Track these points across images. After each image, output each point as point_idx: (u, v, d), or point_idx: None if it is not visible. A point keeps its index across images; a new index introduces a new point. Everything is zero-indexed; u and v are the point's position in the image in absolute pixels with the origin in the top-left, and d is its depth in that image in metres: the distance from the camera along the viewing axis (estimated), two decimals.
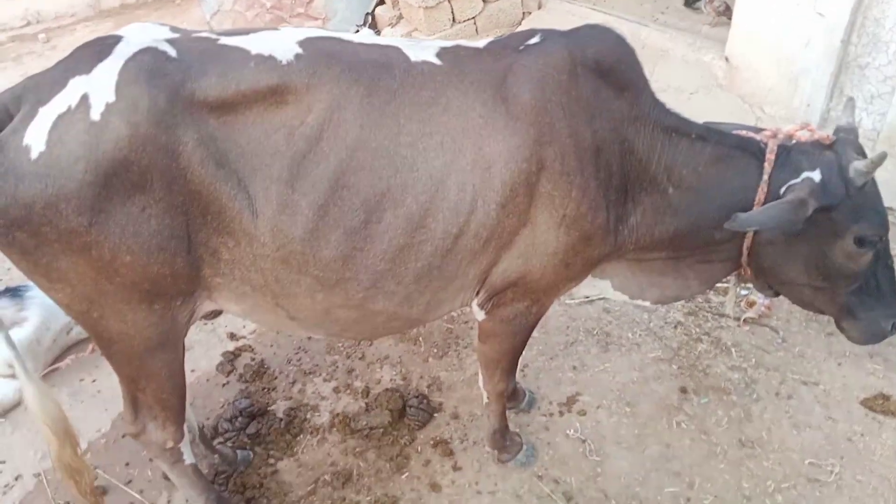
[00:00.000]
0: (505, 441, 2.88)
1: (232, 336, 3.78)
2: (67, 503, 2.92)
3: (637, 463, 2.90)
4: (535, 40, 2.12)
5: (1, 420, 3.34)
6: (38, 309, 3.46)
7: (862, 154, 2.12)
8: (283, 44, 1.96)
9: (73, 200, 1.74)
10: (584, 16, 5.80)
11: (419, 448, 3.04)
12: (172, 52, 1.86)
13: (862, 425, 2.99)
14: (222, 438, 3.13)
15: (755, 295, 3.52)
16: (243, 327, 3.83)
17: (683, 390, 3.21)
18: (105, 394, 3.46)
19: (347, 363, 3.54)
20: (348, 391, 3.36)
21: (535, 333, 2.83)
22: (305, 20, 7.33)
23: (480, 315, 2.39)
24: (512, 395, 3.00)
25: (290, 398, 3.35)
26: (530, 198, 2.03)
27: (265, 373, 3.51)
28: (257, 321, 2.33)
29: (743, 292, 3.59)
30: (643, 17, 5.81)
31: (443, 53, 2.09)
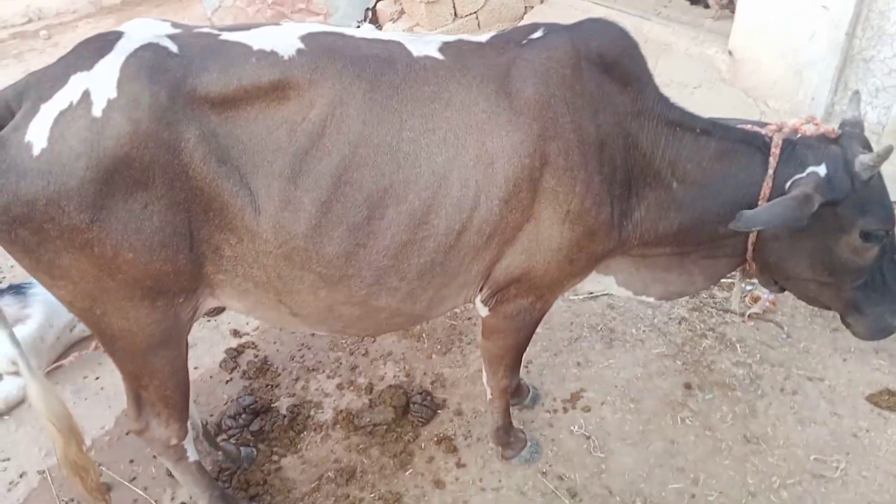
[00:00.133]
0: (509, 437, 2.88)
1: (235, 333, 3.78)
2: (72, 500, 2.93)
3: (641, 459, 2.89)
4: (537, 34, 2.10)
5: (5, 417, 3.35)
6: (42, 306, 3.47)
7: (868, 148, 2.10)
8: (284, 39, 1.95)
9: (74, 197, 1.73)
10: (587, 10, 5.77)
11: (423, 445, 3.03)
12: (174, 47, 1.85)
13: (867, 421, 2.97)
14: (226, 435, 3.14)
15: (760, 290, 3.51)
16: (246, 324, 3.83)
17: (688, 386, 3.19)
18: (108, 391, 3.46)
19: (351, 360, 3.53)
20: (352, 388, 3.36)
21: (539, 329, 2.82)
22: (307, 16, 7.32)
23: (484, 311, 2.38)
24: (516, 391, 2.99)
25: (294, 395, 3.35)
26: (534, 193, 2.02)
27: (268, 369, 3.51)
28: (260, 318, 2.32)
29: (748, 287, 3.58)
30: (646, 11, 5.78)
31: (445, 48, 2.08)
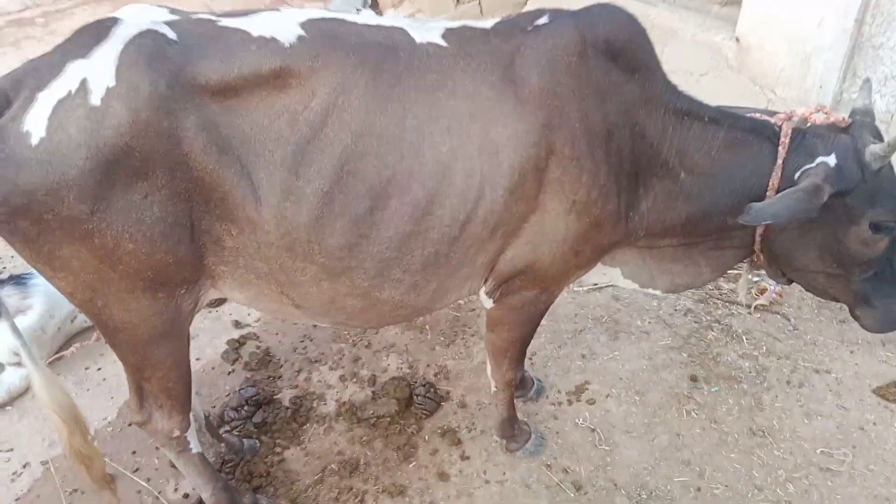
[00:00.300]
0: (513, 430, 2.86)
1: (237, 324, 3.76)
2: (75, 490, 2.92)
3: (646, 452, 2.88)
4: (543, 20, 2.06)
5: (8, 408, 3.34)
6: (43, 297, 3.45)
7: (878, 137, 2.06)
8: (285, 26, 1.91)
9: (74, 187, 1.70)
10: None
11: (426, 437, 3.02)
12: (172, 34, 1.81)
13: (874, 414, 2.95)
14: (228, 427, 3.12)
15: (766, 282, 3.48)
16: (248, 315, 3.82)
17: (693, 379, 3.17)
18: (110, 382, 3.45)
19: (354, 351, 3.52)
20: (355, 380, 3.34)
21: (543, 321, 2.80)
22: (306, 1, 7.28)
23: (488, 303, 2.36)
24: (520, 383, 2.98)
25: (296, 387, 3.33)
26: (539, 183, 1.99)
27: (271, 361, 3.50)
28: (262, 309, 2.30)
29: (754, 279, 3.55)
30: None
31: (449, 35, 2.04)
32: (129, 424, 3.18)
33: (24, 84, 1.75)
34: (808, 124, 2.10)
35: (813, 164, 2.00)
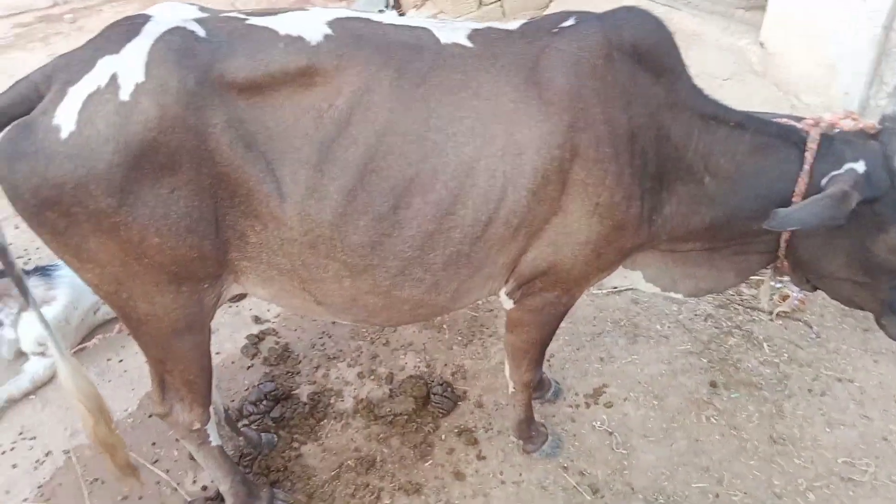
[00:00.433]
0: (530, 431, 2.85)
1: (257, 319, 3.79)
2: (96, 480, 2.96)
3: (664, 457, 2.85)
4: (569, 23, 2.06)
5: (31, 397, 3.39)
6: (67, 288, 3.50)
7: None
8: (312, 24, 1.92)
9: (102, 181, 1.72)
10: None
11: (443, 436, 3.02)
12: (201, 31, 1.84)
13: None
14: (247, 421, 3.15)
15: (789, 288, 3.44)
16: (268, 311, 3.84)
17: (713, 384, 3.15)
18: (132, 374, 3.49)
19: (371, 349, 3.53)
20: (372, 377, 3.35)
21: (562, 323, 2.79)
22: (330, 1, 7.32)
23: (508, 304, 2.35)
24: (538, 385, 2.97)
25: (315, 383, 3.35)
26: (562, 185, 1.99)
27: (289, 357, 3.52)
28: (284, 305, 2.31)
29: (776, 285, 3.51)
30: (675, 0, 5.67)
31: (474, 36, 2.04)
32: (150, 416, 3.21)
33: (56, 78, 1.78)
34: (837, 130, 2.07)
35: (841, 171, 1.97)
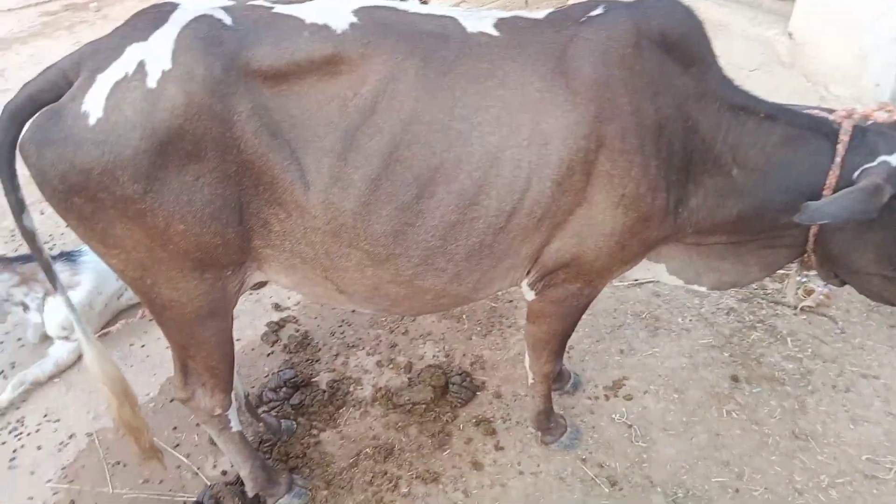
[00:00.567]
0: (549, 423, 2.85)
1: (277, 307, 3.81)
2: (118, 463, 3.01)
3: (684, 450, 2.84)
4: (597, 11, 2.03)
5: (56, 380, 3.44)
6: (91, 274, 3.54)
7: None
8: (337, 13, 1.92)
9: (129, 167, 1.74)
10: None
11: (461, 426, 3.03)
12: (228, 19, 1.84)
13: None
14: (266, 407, 3.17)
15: (814, 282, 3.39)
16: (288, 298, 3.87)
17: (735, 379, 3.12)
18: (154, 359, 3.54)
19: (390, 338, 3.54)
20: (391, 366, 3.37)
21: (582, 315, 2.78)
22: None
23: (530, 295, 2.34)
24: (557, 376, 2.96)
25: (334, 370, 3.37)
26: (588, 176, 1.97)
27: (309, 344, 3.54)
28: (306, 294, 2.32)
29: (802, 279, 3.46)
30: None
31: (500, 24, 2.02)
32: (171, 400, 3.25)
33: (84, 65, 1.79)
34: (870, 122, 2.03)
35: (874, 164, 1.93)
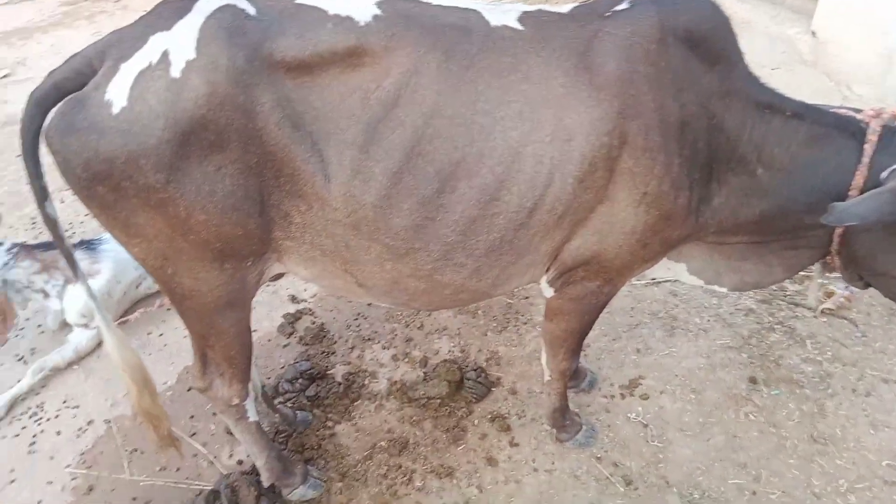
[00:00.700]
0: (565, 420, 2.84)
1: (293, 299, 3.82)
2: (135, 450, 3.03)
3: (701, 451, 2.82)
4: (623, 6, 2.01)
5: (75, 367, 3.48)
6: (111, 262, 3.57)
7: None
8: (360, 4, 1.91)
9: (152, 157, 1.74)
10: None
11: (476, 421, 3.02)
12: (251, 9, 1.84)
13: None
14: (282, 399, 3.19)
15: (835, 285, 3.35)
16: (304, 290, 3.88)
17: (753, 380, 3.09)
18: (171, 348, 3.56)
19: (406, 332, 3.54)
20: (406, 360, 3.37)
21: None
22: None
23: (549, 292, 2.33)
24: (573, 374, 2.95)
25: (349, 363, 3.38)
26: (610, 173, 1.95)
27: (325, 337, 3.55)
28: (325, 286, 2.32)
29: (822, 281, 3.42)
30: None
31: (524, 18, 2.01)
32: (189, 389, 3.28)
33: (109, 54, 1.80)
34: None
35: None
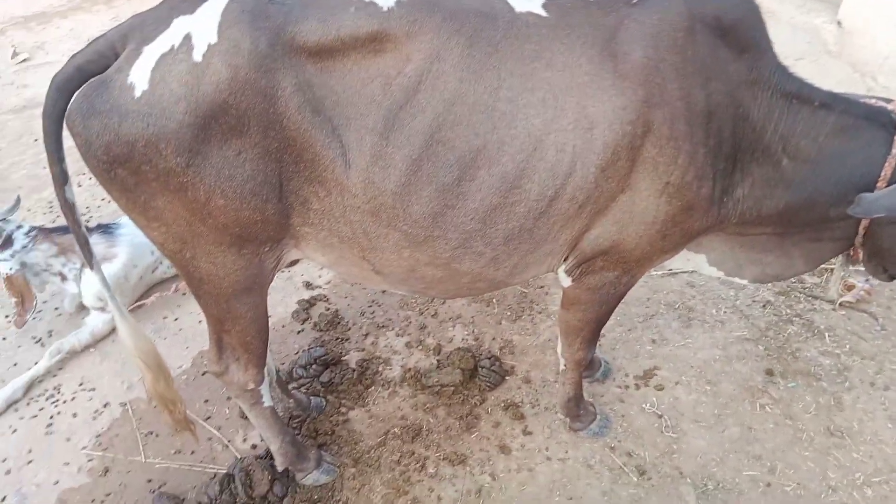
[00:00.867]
0: (579, 410, 2.83)
1: (308, 285, 3.83)
2: (150, 433, 3.06)
3: (715, 443, 2.80)
4: None
5: (91, 350, 3.51)
6: (127, 246, 3.59)
7: None
8: None
9: (172, 141, 1.74)
10: None
11: (489, 409, 3.02)
12: None
13: None
14: (296, 384, 3.20)
15: (854, 277, 3.32)
16: (319, 277, 3.88)
17: (769, 373, 3.07)
18: (186, 332, 3.58)
19: (420, 319, 3.54)
20: (420, 347, 3.37)
21: None
22: None
23: (567, 282, 2.32)
24: (588, 364, 2.93)
25: (363, 350, 3.38)
26: (632, 162, 1.92)
27: (339, 323, 3.56)
28: (342, 273, 2.32)
29: (842, 274, 3.39)
30: None
31: (549, 5, 1.97)
32: (203, 374, 3.30)
33: (131, 37, 1.79)
34: None
35: None
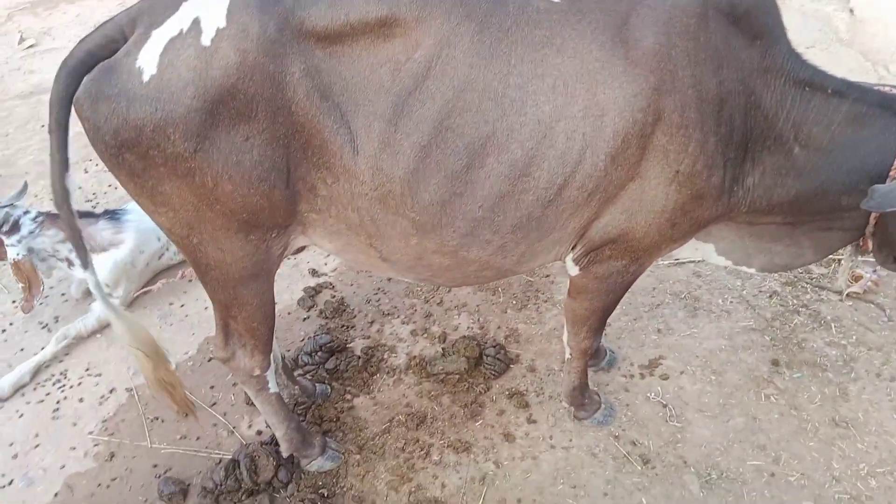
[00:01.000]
0: (583, 398, 2.83)
1: (314, 272, 3.83)
2: (156, 419, 3.07)
3: (720, 433, 2.81)
4: None
5: (98, 335, 3.52)
6: (134, 233, 3.59)
7: None
8: None
9: (180, 125, 1.73)
10: None
11: (494, 397, 3.03)
12: None
13: None
14: (302, 371, 3.21)
15: (862, 268, 3.30)
16: (325, 264, 3.88)
17: (775, 363, 3.06)
18: (192, 318, 3.59)
19: (426, 308, 3.54)
20: (425, 335, 3.37)
21: None
22: None
23: (574, 270, 2.31)
24: (593, 353, 2.93)
25: (368, 337, 3.39)
26: (643, 150, 1.91)
27: (345, 310, 3.56)
28: (348, 260, 2.31)
29: (850, 264, 3.37)
30: None
31: None
32: (209, 360, 3.31)
33: (140, 21, 1.78)
34: None
35: None
